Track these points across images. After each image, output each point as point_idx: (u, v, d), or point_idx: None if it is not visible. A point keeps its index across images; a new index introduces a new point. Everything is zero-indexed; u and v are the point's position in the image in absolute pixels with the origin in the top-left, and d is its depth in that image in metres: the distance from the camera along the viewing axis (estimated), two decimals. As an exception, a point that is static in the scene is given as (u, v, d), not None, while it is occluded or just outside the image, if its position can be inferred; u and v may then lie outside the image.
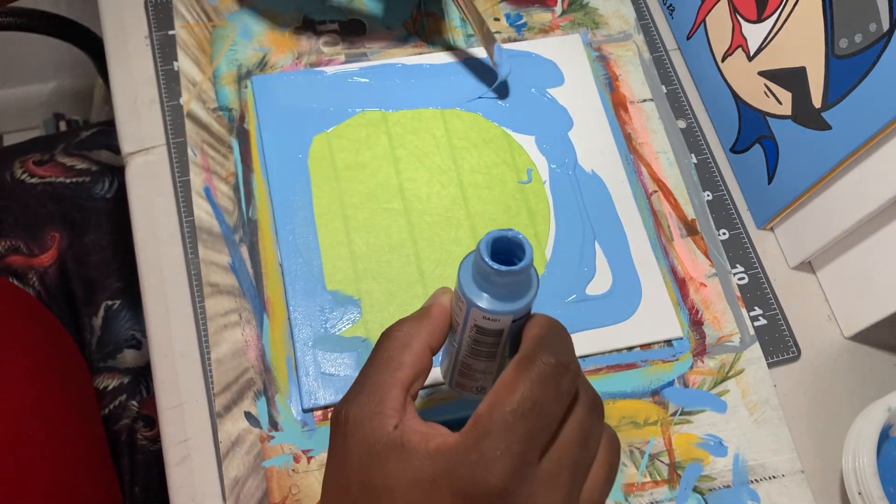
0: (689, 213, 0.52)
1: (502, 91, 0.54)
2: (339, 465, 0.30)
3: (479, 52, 0.55)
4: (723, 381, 0.47)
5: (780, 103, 0.49)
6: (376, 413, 0.30)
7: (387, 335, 0.32)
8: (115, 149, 0.69)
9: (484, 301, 0.30)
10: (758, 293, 0.50)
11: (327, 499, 0.31)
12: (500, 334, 0.32)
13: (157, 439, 0.60)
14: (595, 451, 0.31)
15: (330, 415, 0.31)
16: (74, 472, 0.53)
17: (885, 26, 0.41)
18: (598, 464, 0.31)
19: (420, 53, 0.55)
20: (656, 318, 0.48)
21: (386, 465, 0.29)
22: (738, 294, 0.50)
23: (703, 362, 0.48)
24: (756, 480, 0.45)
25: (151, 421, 0.61)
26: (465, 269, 0.31)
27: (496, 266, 0.29)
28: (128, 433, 0.60)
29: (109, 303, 0.63)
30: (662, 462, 0.45)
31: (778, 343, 0.49)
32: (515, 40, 0.56)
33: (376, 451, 0.29)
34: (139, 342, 0.63)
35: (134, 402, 0.61)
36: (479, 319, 0.31)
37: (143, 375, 0.63)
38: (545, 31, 0.57)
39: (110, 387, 0.62)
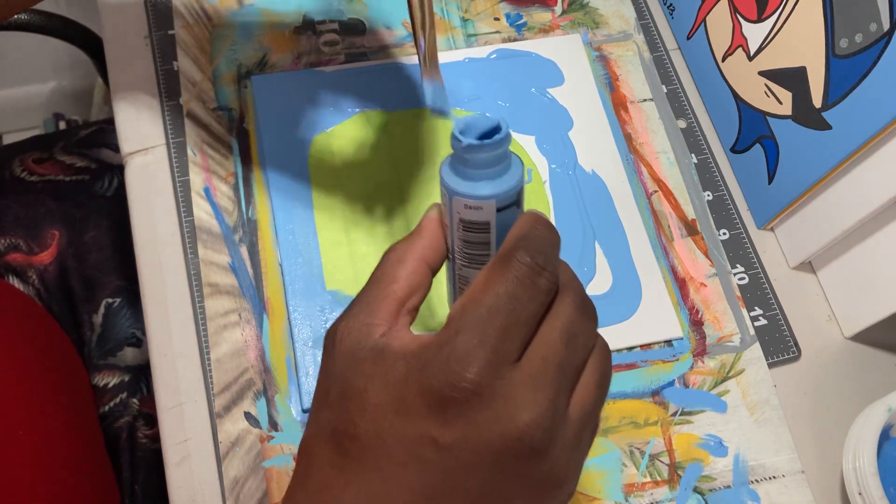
0: (690, 213, 0.52)
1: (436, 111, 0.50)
2: (324, 374, 0.30)
3: (479, 51, 0.55)
4: (723, 381, 0.47)
5: (781, 103, 0.49)
6: (365, 324, 0.29)
7: (382, 257, 0.32)
8: (115, 147, 0.69)
9: (463, 186, 0.30)
10: (758, 293, 0.50)
11: (311, 409, 0.31)
12: (488, 229, 0.31)
13: (157, 438, 0.60)
14: (585, 355, 0.29)
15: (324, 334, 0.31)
16: (70, 470, 0.53)
17: (886, 26, 0.41)
18: (589, 368, 0.29)
19: (420, 53, 0.55)
20: (656, 318, 0.48)
21: (363, 368, 0.28)
22: (739, 294, 0.50)
23: (703, 362, 0.48)
24: (756, 481, 0.45)
25: (152, 419, 0.61)
26: (446, 164, 0.31)
27: (467, 140, 0.29)
28: (128, 430, 0.60)
29: (109, 300, 0.63)
30: (662, 462, 0.45)
31: (778, 343, 0.49)
32: (515, 40, 0.56)
33: (357, 356, 0.29)
34: (139, 340, 0.63)
35: (134, 400, 0.61)
36: (463, 210, 0.30)
37: (143, 373, 0.63)
38: (545, 30, 0.57)
39: (110, 384, 0.62)
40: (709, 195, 0.53)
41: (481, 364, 0.26)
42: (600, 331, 0.48)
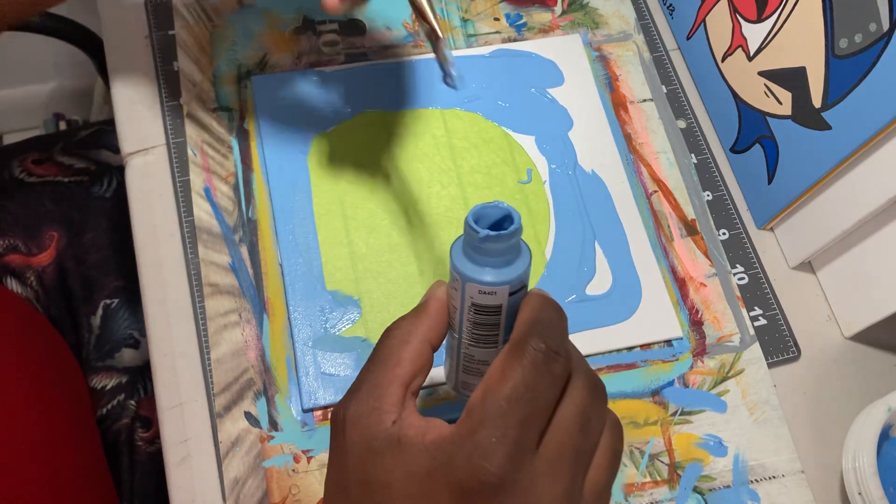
0: (689, 213, 0.52)
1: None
2: (337, 462, 0.30)
3: (479, 51, 0.55)
4: (723, 381, 0.47)
5: (780, 103, 0.49)
6: (374, 409, 0.30)
7: (386, 333, 0.32)
8: (114, 148, 0.69)
9: (477, 272, 0.30)
10: (758, 293, 0.50)
11: (328, 498, 0.31)
12: (499, 311, 0.31)
13: (153, 440, 0.60)
14: (598, 436, 0.30)
15: (330, 414, 0.31)
16: (69, 474, 0.53)
17: (885, 26, 0.41)
18: (601, 449, 0.30)
19: (420, 53, 0.55)
20: (656, 318, 0.48)
21: (382, 461, 0.29)
22: (738, 294, 0.50)
23: (703, 362, 0.48)
24: (756, 480, 0.45)
25: (149, 422, 0.61)
26: (457, 248, 0.31)
27: (484, 231, 0.29)
28: (127, 433, 0.60)
29: (108, 302, 0.63)
30: (662, 462, 0.45)
31: (778, 343, 0.49)
32: (515, 40, 0.56)
33: (373, 448, 0.29)
34: (137, 341, 0.63)
35: (132, 402, 0.61)
36: (476, 295, 0.31)
37: (141, 375, 0.63)
38: (545, 31, 0.57)
39: (108, 386, 0.61)
40: (708, 195, 0.53)
41: (504, 458, 0.27)
42: (600, 331, 0.48)
